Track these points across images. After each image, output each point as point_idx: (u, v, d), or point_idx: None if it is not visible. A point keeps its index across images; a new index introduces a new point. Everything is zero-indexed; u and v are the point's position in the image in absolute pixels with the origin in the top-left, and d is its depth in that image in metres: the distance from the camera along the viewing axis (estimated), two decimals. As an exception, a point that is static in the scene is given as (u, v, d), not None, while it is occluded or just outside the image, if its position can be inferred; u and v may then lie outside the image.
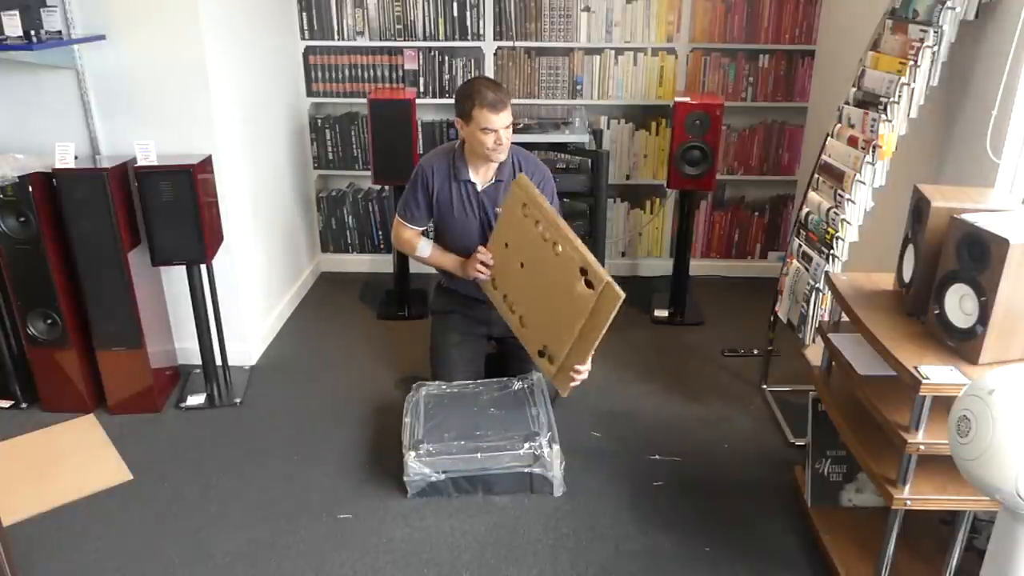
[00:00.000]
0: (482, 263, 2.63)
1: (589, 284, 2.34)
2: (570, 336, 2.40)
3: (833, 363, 2.25)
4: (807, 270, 2.69)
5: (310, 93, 3.95)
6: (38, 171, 2.63)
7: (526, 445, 2.40)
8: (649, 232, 4.18)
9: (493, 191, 2.67)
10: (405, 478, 2.41)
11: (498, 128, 2.52)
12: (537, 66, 3.88)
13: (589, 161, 3.40)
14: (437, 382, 2.74)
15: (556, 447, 2.43)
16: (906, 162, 2.59)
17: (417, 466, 2.39)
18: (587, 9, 3.77)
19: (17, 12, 2.47)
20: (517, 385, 2.67)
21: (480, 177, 2.67)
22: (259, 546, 2.25)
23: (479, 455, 2.40)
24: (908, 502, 1.82)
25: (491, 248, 2.65)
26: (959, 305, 1.78)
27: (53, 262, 2.70)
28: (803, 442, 2.49)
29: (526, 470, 2.42)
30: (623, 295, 2.26)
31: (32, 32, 2.51)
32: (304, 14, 3.81)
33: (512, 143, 2.71)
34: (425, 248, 2.80)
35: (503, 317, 2.66)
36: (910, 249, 2.01)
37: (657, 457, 2.66)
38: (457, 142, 2.71)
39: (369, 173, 3.57)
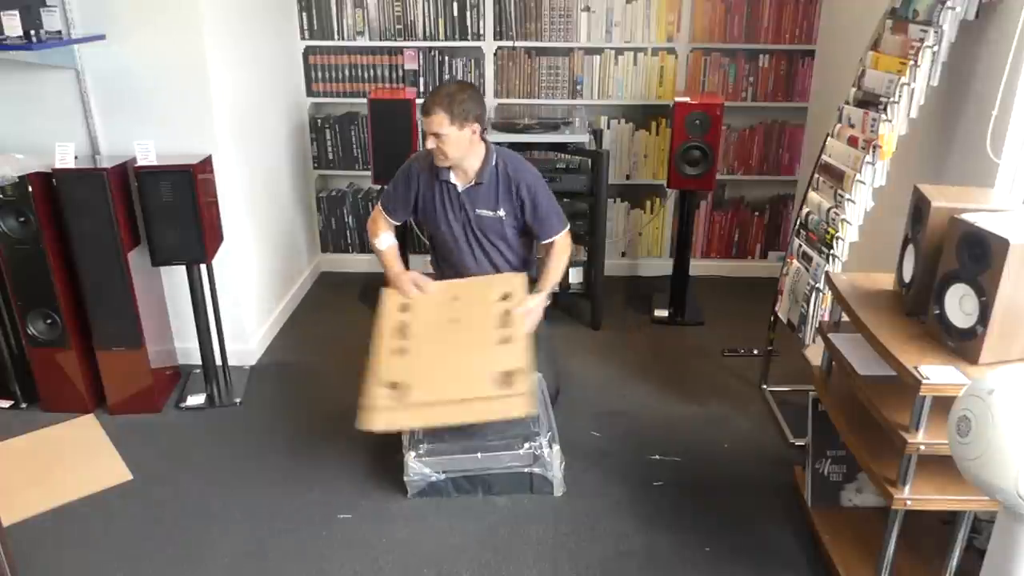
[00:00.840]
0: (416, 285, 2.65)
1: (509, 382, 2.27)
2: (448, 397, 2.28)
3: (833, 363, 2.25)
4: (807, 270, 2.69)
5: (310, 93, 3.95)
6: (38, 171, 2.63)
7: (526, 445, 2.40)
8: (649, 232, 4.18)
9: (474, 192, 2.63)
10: (405, 478, 2.41)
11: (427, 132, 2.50)
12: (537, 66, 3.88)
13: (589, 161, 3.40)
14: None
15: (556, 447, 2.43)
16: (906, 162, 2.59)
17: (417, 466, 2.40)
18: (587, 9, 3.77)
19: (17, 12, 2.47)
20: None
21: (460, 179, 2.65)
22: (259, 546, 2.25)
23: (479, 455, 2.40)
24: (908, 502, 1.82)
25: (439, 287, 2.64)
26: (959, 305, 1.78)
27: (53, 262, 2.70)
28: (803, 442, 2.49)
29: (526, 470, 2.42)
30: (533, 413, 2.27)
31: (32, 32, 2.51)
32: (304, 14, 3.81)
33: (500, 144, 2.69)
34: (384, 241, 2.75)
35: (376, 333, 2.52)
36: (910, 249, 2.01)
37: (657, 457, 2.66)
38: None
39: (369, 173, 3.57)
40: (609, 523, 2.35)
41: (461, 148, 2.53)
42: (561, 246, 2.71)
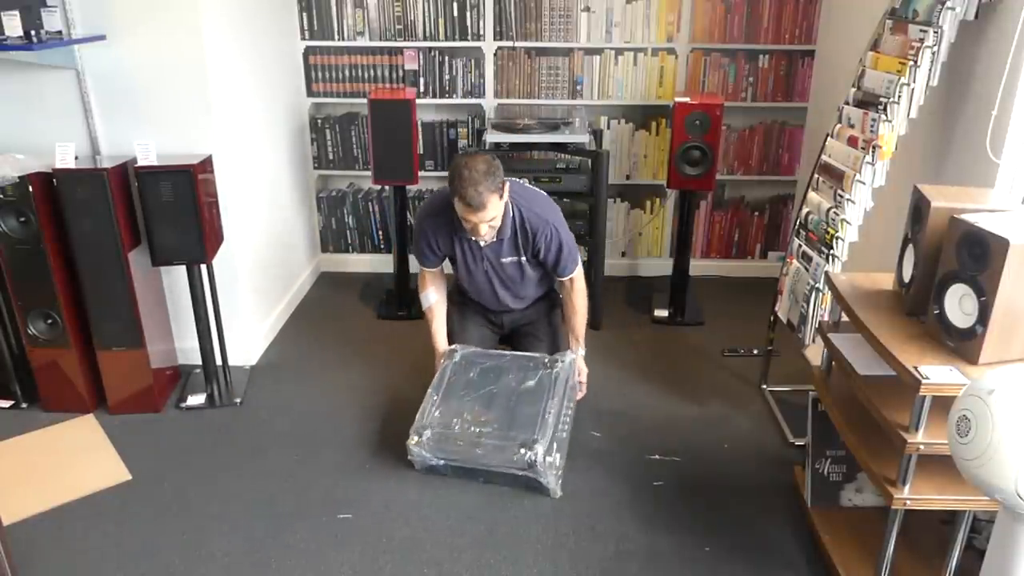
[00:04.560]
0: None
1: None
2: None
3: (833, 363, 2.25)
4: (807, 270, 2.69)
5: (310, 93, 3.95)
6: (38, 171, 2.63)
7: (521, 451, 2.41)
8: (649, 232, 4.18)
9: (496, 245, 2.60)
10: (409, 456, 2.48)
11: (475, 223, 2.44)
12: (537, 66, 3.88)
13: (589, 161, 3.40)
14: (473, 348, 2.76)
15: (552, 458, 2.42)
16: (906, 162, 2.59)
17: (417, 450, 2.48)
18: (587, 9, 3.77)
19: (17, 12, 2.47)
20: (545, 369, 2.64)
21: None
22: (259, 546, 2.26)
23: (478, 450, 2.44)
24: (908, 502, 1.82)
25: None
26: (959, 305, 1.78)
27: (53, 262, 2.69)
28: (803, 442, 2.49)
29: (520, 473, 2.43)
30: None
31: (32, 32, 2.51)
32: (304, 14, 3.81)
33: (519, 183, 2.66)
34: (427, 298, 2.77)
35: None
36: (910, 249, 2.01)
37: (657, 457, 2.66)
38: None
39: (369, 173, 3.57)
40: (609, 523, 2.35)
41: (504, 216, 2.50)
42: (579, 286, 2.72)
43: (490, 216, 2.41)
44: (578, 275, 2.72)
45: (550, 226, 2.59)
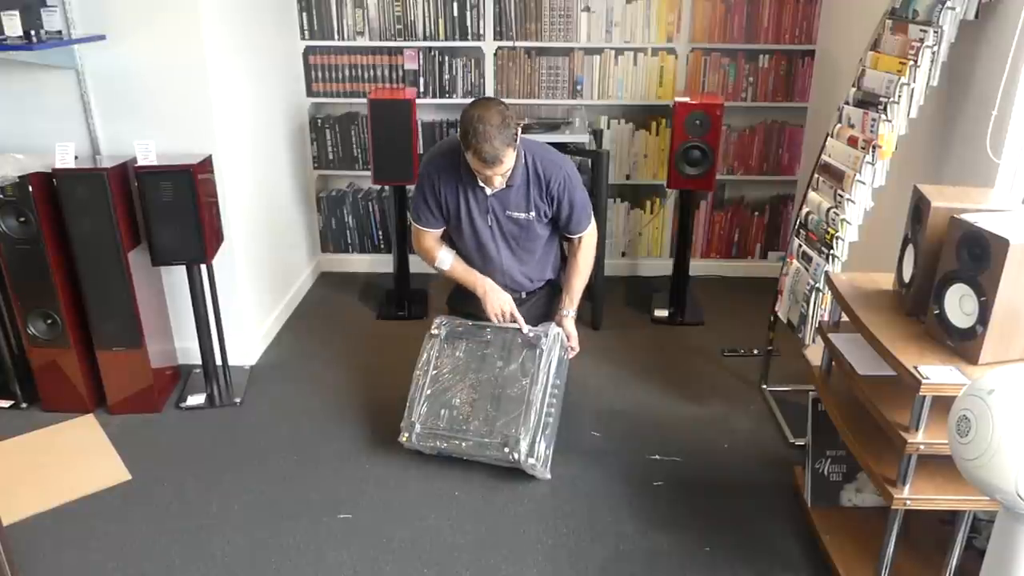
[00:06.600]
0: (504, 313, 2.61)
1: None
2: None
3: (833, 363, 2.25)
4: (807, 270, 2.69)
5: (310, 93, 3.95)
6: (38, 171, 2.63)
7: (505, 450, 2.44)
8: (649, 232, 4.18)
9: (503, 195, 2.52)
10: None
11: (489, 176, 2.41)
12: (537, 66, 3.88)
13: (589, 161, 3.40)
14: (457, 320, 2.71)
15: (537, 450, 2.45)
16: (906, 162, 2.59)
17: (409, 446, 2.57)
18: (587, 9, 3.77)
19: (17, 12, 2.47)
20: (529, 349, 2.57)
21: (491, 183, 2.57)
22: (259, 546, 2.26)
23: (463, 444, 2.50)
24: (908, 502, 1.82)
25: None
26: (959, 305, 1.78)
27: (53, 262, 2.69)
28: (803, 442, 2.49)
29: (506, 467, 2.49)
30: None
31: (32, 32, 2.51)
32: (304, 14, 3.81)
33: (526, 138, 2.58)
34: (445, 260, 2.64)
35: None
36: (910, 249, 2.01)
37: (657, 457, 2.66)
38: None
39: (369, 173, 3.57)
40: (609, 523, 2.35)
41: (515, 162, 2.44)
42: (587, 245, 2.65)
43: (505, 168, 2.39)
44: (589, 233, 2.64)
45: (563, 172, 2.53)
